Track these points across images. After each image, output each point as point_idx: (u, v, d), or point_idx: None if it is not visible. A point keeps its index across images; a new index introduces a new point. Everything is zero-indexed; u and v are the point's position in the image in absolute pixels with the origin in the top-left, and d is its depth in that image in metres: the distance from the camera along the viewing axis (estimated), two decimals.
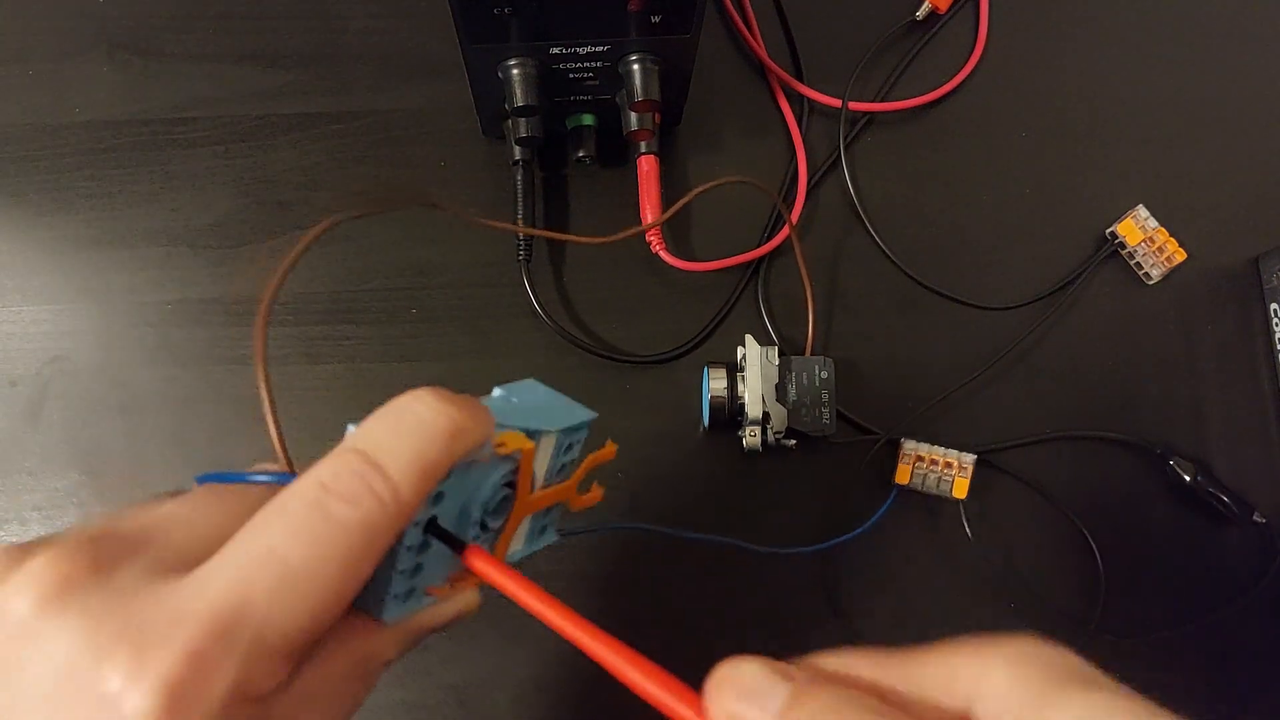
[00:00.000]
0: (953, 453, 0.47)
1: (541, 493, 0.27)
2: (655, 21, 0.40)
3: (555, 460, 0.28)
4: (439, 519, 0.24)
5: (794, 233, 0.48)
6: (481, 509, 0.25)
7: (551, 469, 0.28)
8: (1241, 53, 0.53)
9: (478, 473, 0.25)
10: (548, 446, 0.27)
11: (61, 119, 0.49)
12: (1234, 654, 0.47)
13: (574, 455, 0.28)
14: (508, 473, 0.26)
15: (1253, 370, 0.49)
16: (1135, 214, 0.50)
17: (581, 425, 0.28)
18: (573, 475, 0.28)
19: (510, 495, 0.26)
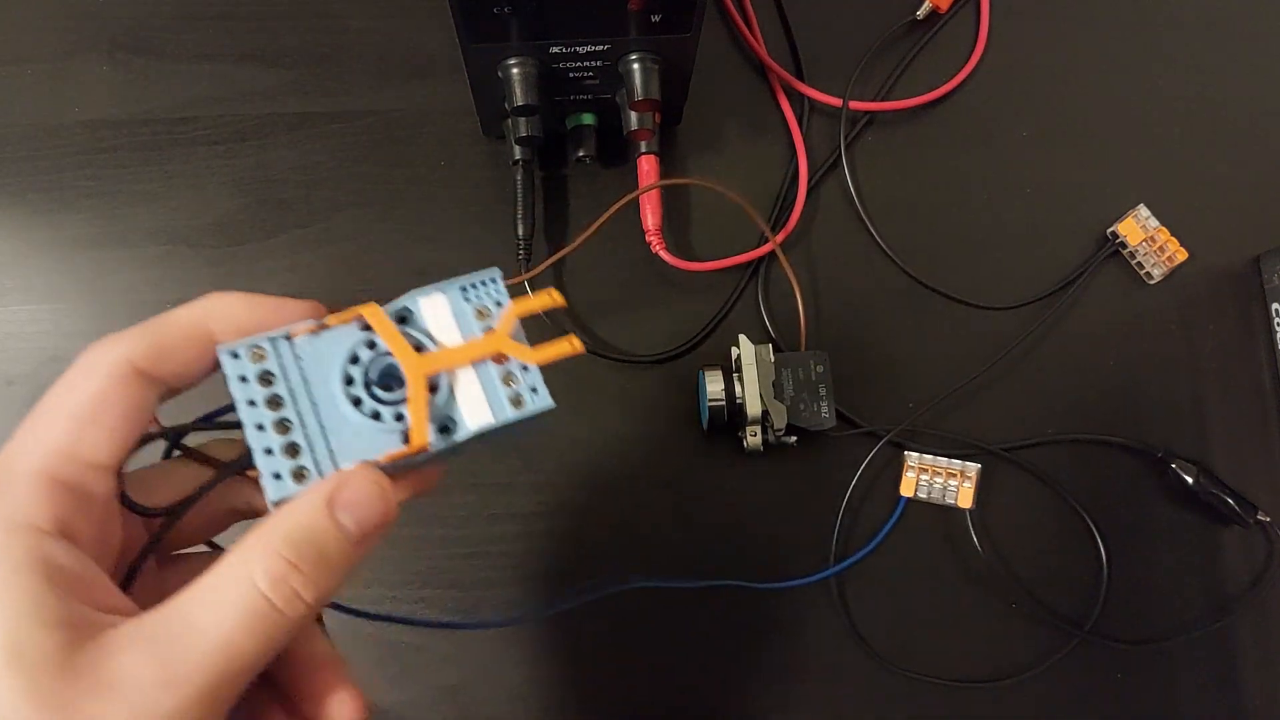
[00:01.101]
0: (956, 463, 0.46)
1: (445, 351, 0.25)
2: (655, 21, 0.40)
3: (462, 319, 0.26)
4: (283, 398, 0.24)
5: (778, 249, 0.48)
6: (346, 376, 0.25)
7: (463, 327, 0.26)
8: (1243, 52, 0.53)
9: (324, 343, 0.25)
10: (438, 306, 0.26)
11: (62, 118, 0.49)
12: (1238, 654, 0.47)
13: (487, 306, 0.27)
14: (357, 342, 0.25)
15: (1254, 369, 0.49)
16: (1136, 213, 0.50)
17: (485, 280, 0.27)
18: (499, 325, 0.26)
19: (391, 361, 0.25)
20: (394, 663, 0.44)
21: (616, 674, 0.45)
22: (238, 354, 0.24)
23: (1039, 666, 0.46)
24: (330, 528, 0.22)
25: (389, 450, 0.24)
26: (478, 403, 0.25)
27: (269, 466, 0.23)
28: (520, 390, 0.26)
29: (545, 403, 0.26)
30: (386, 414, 0.25)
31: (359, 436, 0.24)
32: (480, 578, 0.45)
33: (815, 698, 0.45)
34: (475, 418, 0.25)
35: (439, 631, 0.45)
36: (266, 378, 0.24)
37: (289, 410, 0.24)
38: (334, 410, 0.24)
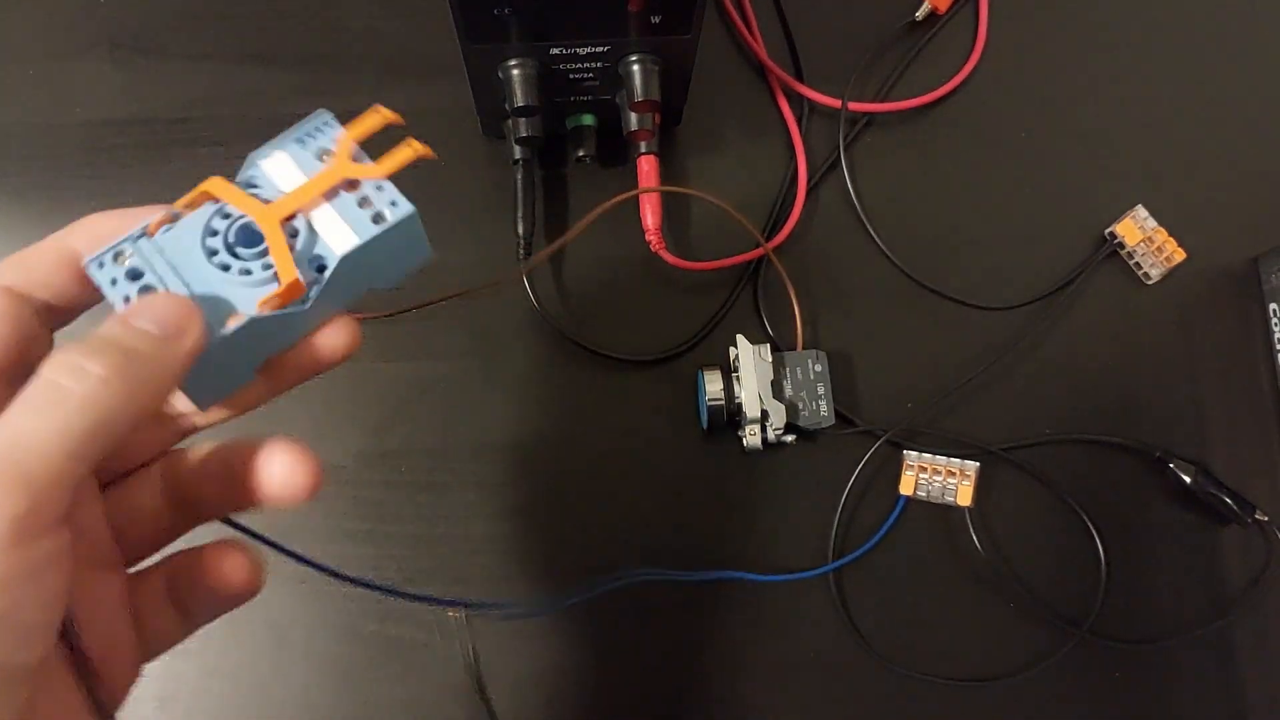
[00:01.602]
0: (955, 461, 0.47)
1: (292, 193, 0.25)
2: (655, 22, 0.40)
3: (305, 165, 0.26)
4: (156, 287, 0.24)
5: (771, 254, 0.48)
6: (209, 250, 0.25)
7: (308, 170, 0.26)
8: (1241, 52, 0.53)
9: (180, 229, 0.25)
10: (280, 162, 0.26)
11: (62, 118, 0.50)
12: (1236, 653, 0.47)
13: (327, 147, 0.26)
14: (211, 215, 0.25)
15: (1252, 370, 0.49)
16: (1134, 214, 0.50)
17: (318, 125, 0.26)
18: (338, 153, 0.26)
19: (245, 220, 0.25)
20: (397, 661, 0.45)
21: (617, 669, 0.45)
22: (103, 263, 0.25)
23: (1037, 666, 0.46)
24: (120, 325, 0.23)
25: (264, 294, 0.24)
26: (339, 230, 0.25)
27: None
28: (379, 208, 0.26)
29: (405, 209, 0.26)
30: (255, 268, 0.25)
31: (236, 299, 0.24)
32: (482, 575, 0.45)
33: (813, 695, 0.45)
34: (340, 243, 0.25)
35: (442, 630, 0.45)
36: (135, 274, 0.25)
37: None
38: (207, 285, 0.25)
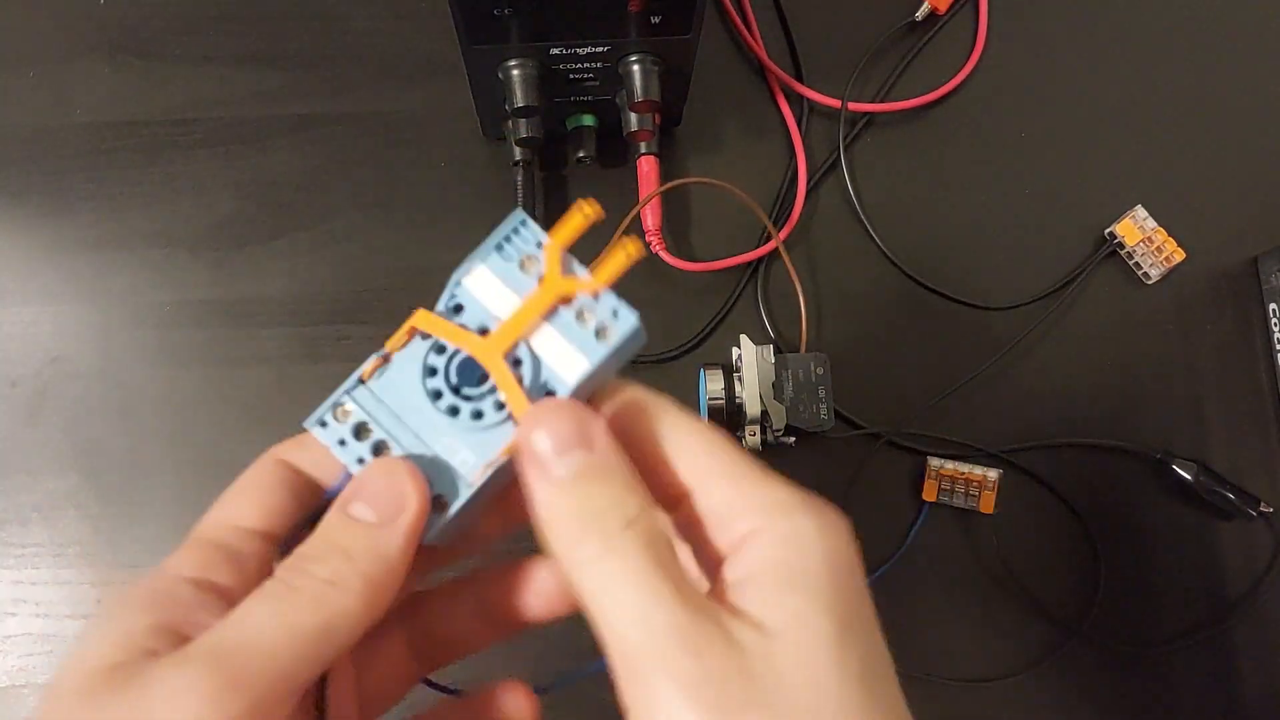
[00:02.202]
0: (978, 469, 0.47)
1: (508, 321, 0.23)
2: (655, 22, 0.40)
3: (510, 280, 0.24)
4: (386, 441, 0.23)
5: (781, 246, 0.48)
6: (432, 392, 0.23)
7: (515, 286, 0.24)
8: (1240, 53, 0.53)
9: (395, 371, 0.24)
10: (483, 278, 0.24)
11: (62, 121, 0.49)
12: (1240, 653, 0.47)
13: (530, 252, 0.24)
14: (424, 353, 0.24)
15: (1252, 370, 0.49)
16: (1134, 214, 0.50)
17: (515, 228, 0.24)
18: (547, 269, 0.24)
19: (463, 355, 0.24)
20: None
21: None
22: (325, 421, 0.24)
23: (1036, 667, 0.46)
24: (339, 519, 0.22)
25: (505, 442, 0.23)
26: (565, 354, 0.23)
27: None
28: (601, 320, 0.24)
29: (630, 322, 0.23)
30: (487, 408, 0.23)
31: (472, 445, 0.23)
32: None
33: None
34: (570, 370, 0.23)
35: None
36: (362, 430, 0.24)
37: (397, 451, 0.24)
38: (436, 430, 0.23)
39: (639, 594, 0.20)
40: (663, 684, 0.19)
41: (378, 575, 0.22)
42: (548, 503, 0.21)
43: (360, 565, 0.22)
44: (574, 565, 0.21)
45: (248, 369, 0.47)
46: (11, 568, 0.45)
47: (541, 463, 0.21)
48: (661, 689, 0.19)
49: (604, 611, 0.20)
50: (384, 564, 0.22)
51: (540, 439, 0.21)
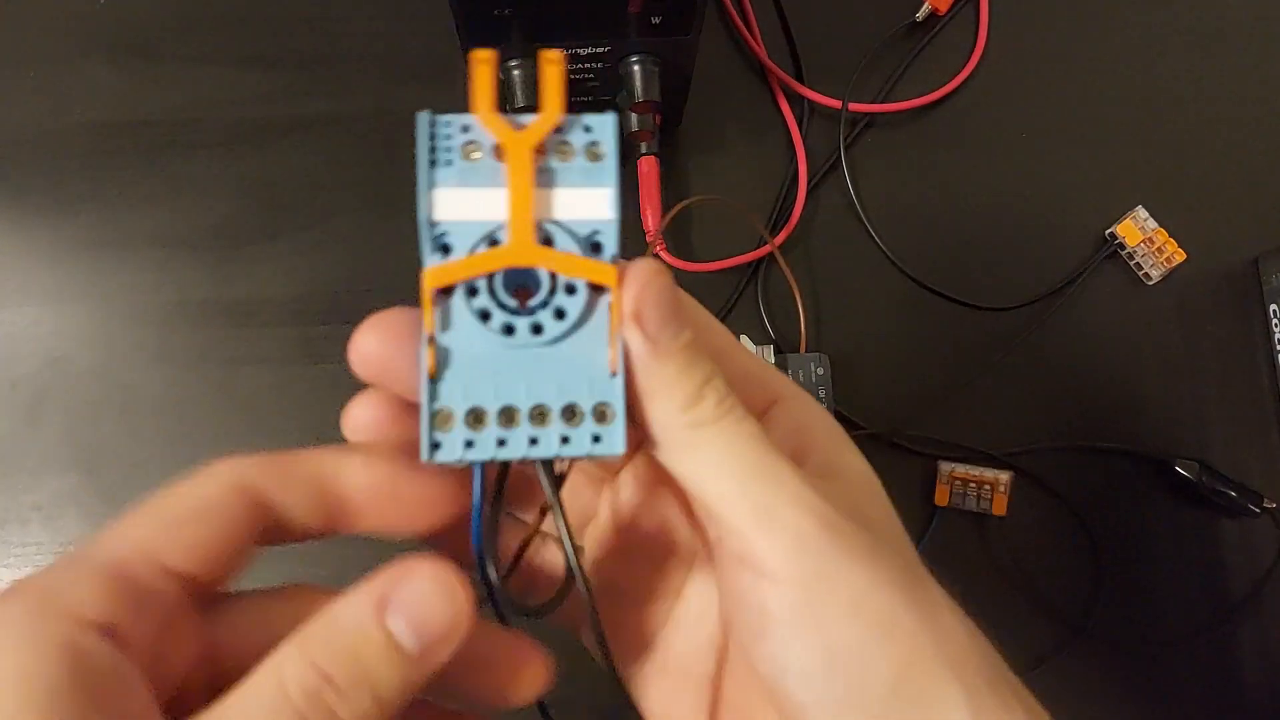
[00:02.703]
0: (989, 472, 0.46)
1: (514, 208, 0.20)
2: (655, 23, 0.40)
3: (472, 185, 0.21)
4: (509, 407, 0.20)
5: (777, 252, 0.48)
6: (506, 325, 0.20)
7: (482, 183, 0.20)
8: (1242, 53, 0.53)
9: (451, 344, 0.20)
10: (446, 200, 0.21)
11: (62, 122, 0.49)
12: (1244, 654, 0.47)
13: (466, 138, 0.21)
14: (462, 301, 0.20)
15: (1253, 371, 0.49)
16: (1135, 215, 0.50)
17: (430, 135, 0.21)
18: (498, 135, 0.20)
19: (499, 275, 0.20)
20: None
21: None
22: (437, 443, 0.20)
23: (1038, 668, 0.46)
24: (376, 636, 0.18)
25: (606, 323, 0.20)
26: (584, 198, 0.21)
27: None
28: (582, 142, 0.21)
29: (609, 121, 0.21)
30: (564, 304, 0.20)
31: (577, 350, 0.20)
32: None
33: None
34: (599, 207, 0.20)
35: None
36: (478, 415, 0.20)
37: (525, 408, 0.20)
38: (534, 366, 0.20)
39: (760, 447, 0.20)
40: (806, 525, 0.20)
41: (391, 712, 0.18)
42: (658, 368, 0.20)
43: (387, 707, 0.18)
44: (689, 429, 0.20)
45: (248, 369, 0.47)
46: (11, 567, 0.45)
47: (649, 330, 0.20)
48: (805, 530, 0.20)
49: (724, 468, 0.20)
50: (403, 702, 0.19)
51: (646, 305, 0.20)
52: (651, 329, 0.20)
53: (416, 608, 0.18)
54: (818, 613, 0.20)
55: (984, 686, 0.20)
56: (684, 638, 0.25)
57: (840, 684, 0.20)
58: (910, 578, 0.21)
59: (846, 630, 0.20)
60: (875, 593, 0.20)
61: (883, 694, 0.19)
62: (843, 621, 0.20)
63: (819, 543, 0.20)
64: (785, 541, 0.20)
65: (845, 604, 0.20)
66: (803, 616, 0.20)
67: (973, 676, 0.20)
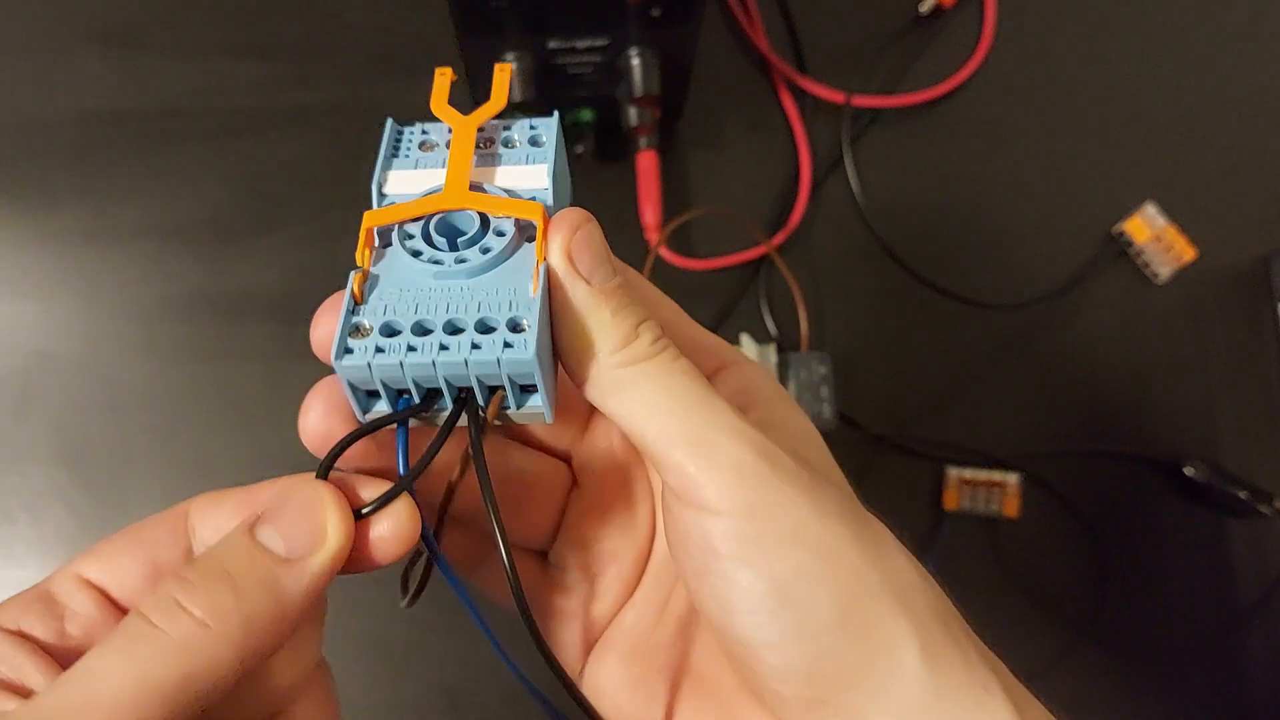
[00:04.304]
0: (997, 474, 0.46)
1: (454, 163, 0.22)
2: (655, 15, 0.39)
3: (422, 166, 0.23)
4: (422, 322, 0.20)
5: (774, 254, 0.48)
6: (436, 259, 0.21)
7: (431, 165, 0.23)
8: (1252, 47, 0.53)
9: (383, 273, 0.21)
10: (399, 178, 0.23)
11: (51, 113, 0.49)
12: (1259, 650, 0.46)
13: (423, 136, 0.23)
14: (398, 238, 0.22)
15: (1263, 370, 0.49)
16: (1144, 211, 0.49)
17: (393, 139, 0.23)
18: (449, 120, 0.23)
19: (436, 218, 0.22)
20: (389, 663, 0.44)
21: None
22: (349, 348, 0.20)
23: (1045, 674, 0.45)
24: (238, 541, 0.19)
25: (533, 257, 0.21)
26: (524, 172, 0.23)
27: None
28: (527, 136, 0.23)
29: (552, 120, 0.23)
30: (493, 242, 0.21)
31: (503, 280, 0.21)
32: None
33: None
34: (537, 178, 0.22)
35: (434, 630, 0.44)
36: (393, 331, 0.20)
37: (437, 332, 0.20)
38: (458, 296, 0.21)
39: (697, 382, 0.20)
40: (746, 457, 0.19)
41: (263, 621, 0.18)
42: (594, 304, 0.20)
43: (245, 605, 0.18)
44: (623, 366, 0.20)
45: (237, 364, 0.46)
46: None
47: (585, 270, 0.20)
48: (745, 462, 0.19)
49: (663, 403, 0.20)
50: (275, 608, 0.18)
51: (579, 246, 0.20)
52: (585, 268, 0.20)
53: (282, 512, 0.19)
54: (760, 543, 0.19)
55: (933, 621, 0.20)
56: (638, 611, 0.25)
57: (787, 617, 0.19)
58: (854, 513, 0.21)
59: (789, 559, 0.19)
60: (817, 522, 0.20)
61: (830, 625, 0.19)
62: (785, 550, 0.19)
63: (758, 472, 0.19)
64: (724, 473, 0.19)
65: (787, 533, 0.19)
66: (745, 548, 0.19)
67: (922, 611, 0.20)
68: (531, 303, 0.20)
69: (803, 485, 0.20)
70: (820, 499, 0.20)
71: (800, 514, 0.20)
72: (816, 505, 0.20)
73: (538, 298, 0.20)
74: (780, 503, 0.19)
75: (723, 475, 0.19)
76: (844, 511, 0.20)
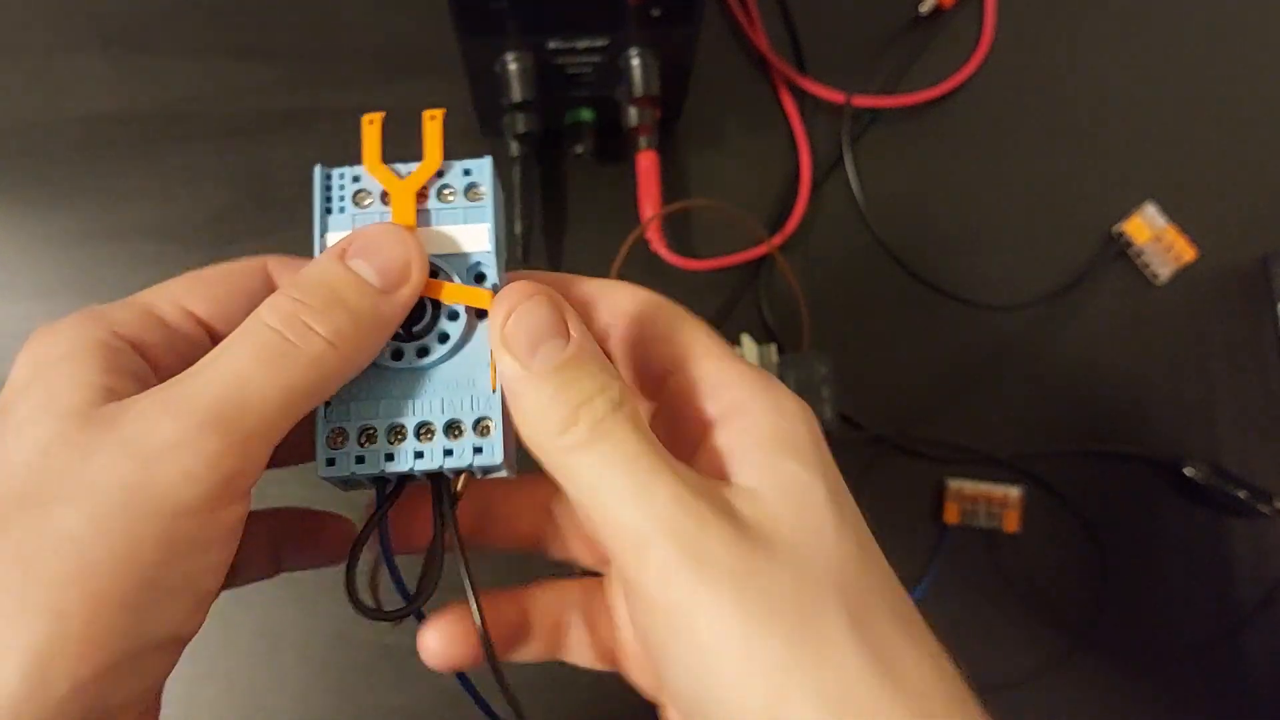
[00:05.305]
0: (999, 487, 0.46)
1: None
2: (655, 15, 0.39)
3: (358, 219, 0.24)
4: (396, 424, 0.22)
5: (777, 253, 0.48)
6: (396, 350, 0.23)
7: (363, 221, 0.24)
8: (1252, 47, 0.52)
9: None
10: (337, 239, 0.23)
11: (54, 114, 0.49)
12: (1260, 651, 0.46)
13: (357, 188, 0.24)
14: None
15: (1263, 371, 0.49)
16: (1144, 211, 0.49)
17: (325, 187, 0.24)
18: (382, 180, 0.24)
19: None
20: (391, 668, 0.44)
21: (618, 678, 0.44)
22: (332, 460, 0.22)
23: (1043, 676, 0.45)
24: (342, 272, 0.21)
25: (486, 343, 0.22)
26: (462, 233, 0.23)
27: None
28: (463, 185, 0.24)
29: (486, 163, 0.24)
30: (449, 329, 0.22)
31: (462, 371, 0.22)
32: (482, 579, 0.45)
33: None
34: (478, 240, 0.23)
35: None
36: (368, 433, 0.22)
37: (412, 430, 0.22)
38: (423, 388, 0.22)
39: (636, 472, 0.20)
40: (670, 556, 0.19)
41: (369, 343, 0.21)
42: (529, 394, 0.20)
43: (360, 330, 0.21)
44: (562, 453, 0.20)
45: None
46: None
47: (518, 354, 0.20)
48: (669, 562, 0.19)
49: (598, 496, 0.20)
50: (377, 333, 0.21)
51: (515, 328, 0.21)
52: (522, 352, 0.20)
53: (374, 251, 0.22)
54: (683, 645, 0.19)
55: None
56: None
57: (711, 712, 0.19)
58: (795, 612, 0.19)
59: (709, 667, 0.19)
60: (737, 628, 0.19)
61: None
62: (702, 657, 0.19)
63: (681, 575, 0.19)
64: (652, 573, 0.19)
65: (704, 641, 0.19)
66: (671, 646, 0.20)
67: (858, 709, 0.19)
68: (493, 399, 0.22)
69: (727, 587, 0.19)
70: (746, 600, 0.19)
71: (718, 620, 0.19)
72: (739, 608, 0.19)
73: (498, 393, 0.22)
74: (698, 610, 0.19)
75: (651, 575, 0.19)
76: (779, 610, 0.19)
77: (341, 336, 0.20)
